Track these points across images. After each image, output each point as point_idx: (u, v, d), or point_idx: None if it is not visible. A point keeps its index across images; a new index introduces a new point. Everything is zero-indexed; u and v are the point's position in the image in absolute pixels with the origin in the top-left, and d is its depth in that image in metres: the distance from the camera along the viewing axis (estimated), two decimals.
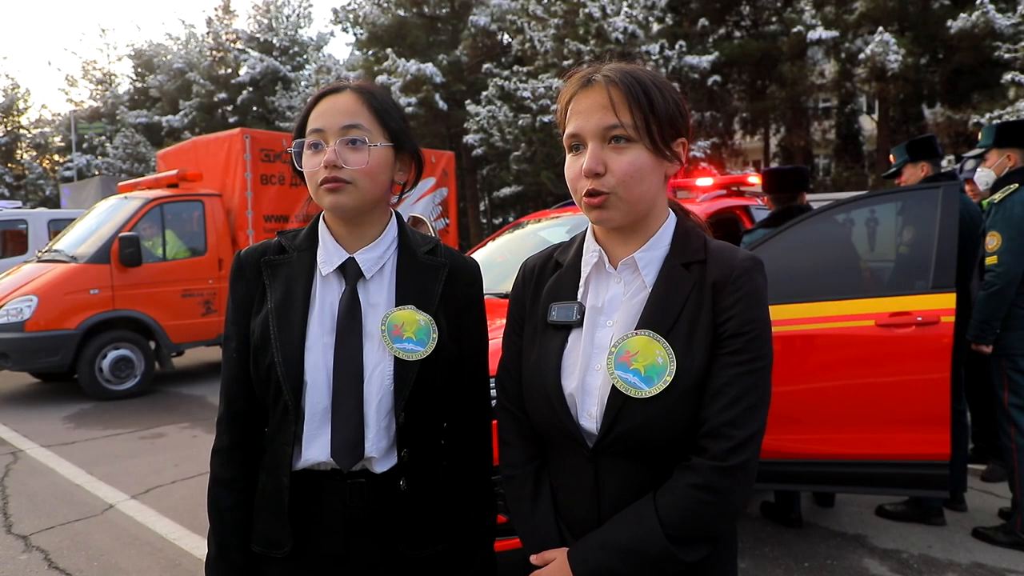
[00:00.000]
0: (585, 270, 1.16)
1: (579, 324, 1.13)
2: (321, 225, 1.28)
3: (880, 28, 16.13)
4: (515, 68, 20.45)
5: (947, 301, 2.75)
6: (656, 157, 1.07)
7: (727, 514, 1.03)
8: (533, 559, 1.12)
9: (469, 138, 20.62)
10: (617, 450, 1.07)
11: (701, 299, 1.07)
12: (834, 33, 17.18)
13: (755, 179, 5.12)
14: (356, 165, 1.17)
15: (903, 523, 3.52)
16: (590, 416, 1.08)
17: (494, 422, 1.29)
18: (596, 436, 1.07)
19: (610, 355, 1.06)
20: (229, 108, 29.30)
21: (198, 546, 3.43)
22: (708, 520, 1.02)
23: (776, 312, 2.94)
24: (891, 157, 3.87)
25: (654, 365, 1.04)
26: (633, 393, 1.03)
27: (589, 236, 1.18)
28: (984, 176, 3.49)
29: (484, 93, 20.42)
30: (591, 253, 1.16)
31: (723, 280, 1.07)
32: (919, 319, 2.77)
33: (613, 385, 1.05)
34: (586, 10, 17.36)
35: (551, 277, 1.21)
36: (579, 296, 1.15)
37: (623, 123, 1.04)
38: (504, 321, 1.28)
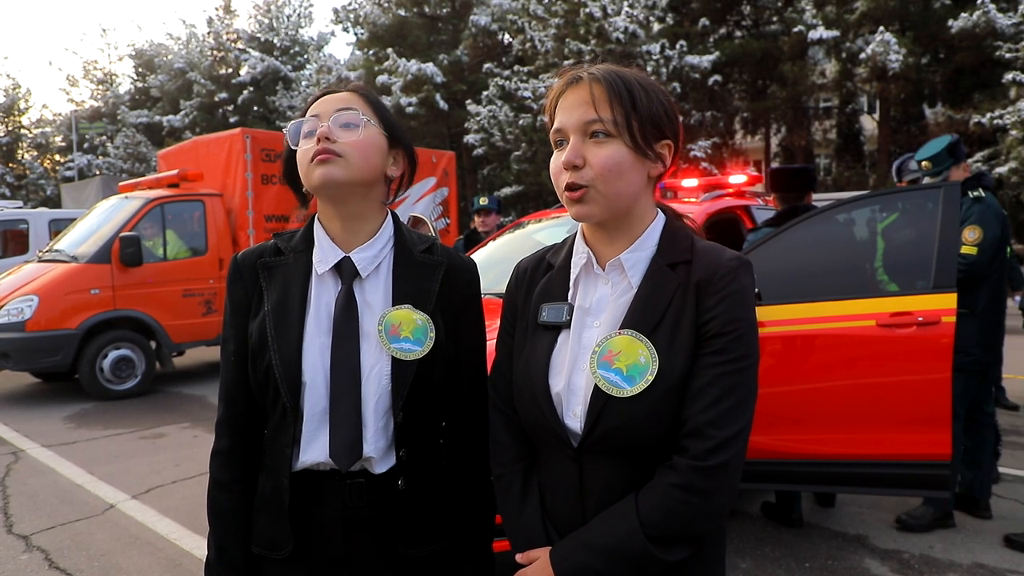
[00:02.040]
0: (574, 271, 1.18)
1: (568, 325, 1.14)
2: (316, 225, 1.28)
3: (881, 28, 16.12)
4: (516, 68, 20.49)
5: (948, 301, 2.74)
6: (636, 154, 1.08)
7: (709, 514, 1.02)
8: (518, 558, 1.13)
9: (470, 138, 20.64)
10: (600, 449, 1.07)
11: (685, 299, 1.08)
12: (835, 33, 17.18)
13: (739, 178, 4.97)
14: (348, 139, 1.18)
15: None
16: (575, 416, 1.09)
17: None
18: (580, 436, 1.08)
19: (593, 354, 1.07)
20: (230, 108, 29.33)
21: (199, 546, 3.43)
22: (689, 520, 1.01)
23: (777, 312, 2.97)
24: (923, 164, 3.77)
25: (636, 364, 1.04)
26: (615, 392, 1.04)
27: (579, 237, 1.20)
28: None
29: (485, 93, 20.45)
30: (580, 254, 1.18)
31: (707, 280, 1.07)
32: (920, 319, 2.77)
33: (595, 384, 1.06)
34: (587, 10, 17.37)
35: (543, 278, 1.22)
36: (570, 297, 1.16)
37: (602, 118, 1.06)
38: None
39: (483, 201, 6.11)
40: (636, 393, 1.03)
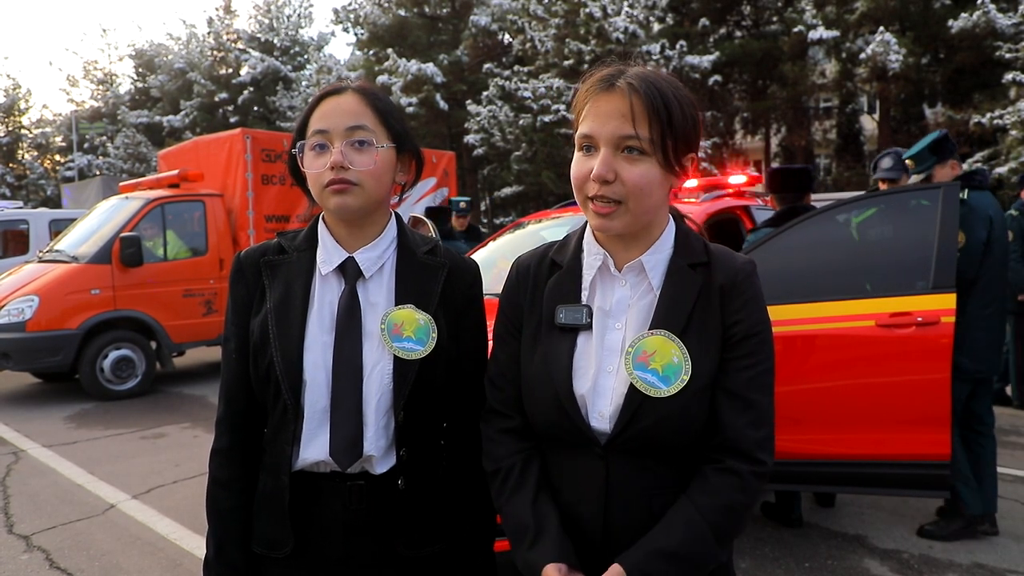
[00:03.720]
0: (588, 273, 1.17)
1: (588, 327, 1.14)
2: (321, 225, 1.28)
3: (881, 28, 16.13)
4: (516, 68, 20.50)
5: (947, 301, 2.75)
6: (666, 172, 1.08)
7: (750, 513, 1.09)
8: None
9: (470, 138, 20.63)
10: (630, 448, 1.08)
11: (709, 301, 1.10)
12: (835, 33, 17.19)
13: (739, 178, 4.99)
14: (363, 167, 1.17)
15: (906, 525, 3.52)
16: (601, 416, 1.10)
17: None
18: (609, 434, 1.09)
19: (628, 355, 1.08)
20: (230, 108, 29.33)
21: (199, 546, 3.43)
22: (741, 519, 1.08)
23: (777, 312, 2.95)
24: (907, 162, 3.65)
25: (670, 364, 1.06)
26: (652, 392, 1.05)
27: (589, 238, 1.19)
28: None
29: (485, 93, 20.44)
30: (594, 256, 1.16)
31: (730, 284, 1.10)
32: (919, 319, 2.77)
33: (631, 384, 1.07)
34: (587, 10, 17.39)
35: (551, 277, 1.20)
36: (584, 298, 1.16)
37: (640, 136, 1.04)
38: None
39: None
40: (673, 393, 1.05)
